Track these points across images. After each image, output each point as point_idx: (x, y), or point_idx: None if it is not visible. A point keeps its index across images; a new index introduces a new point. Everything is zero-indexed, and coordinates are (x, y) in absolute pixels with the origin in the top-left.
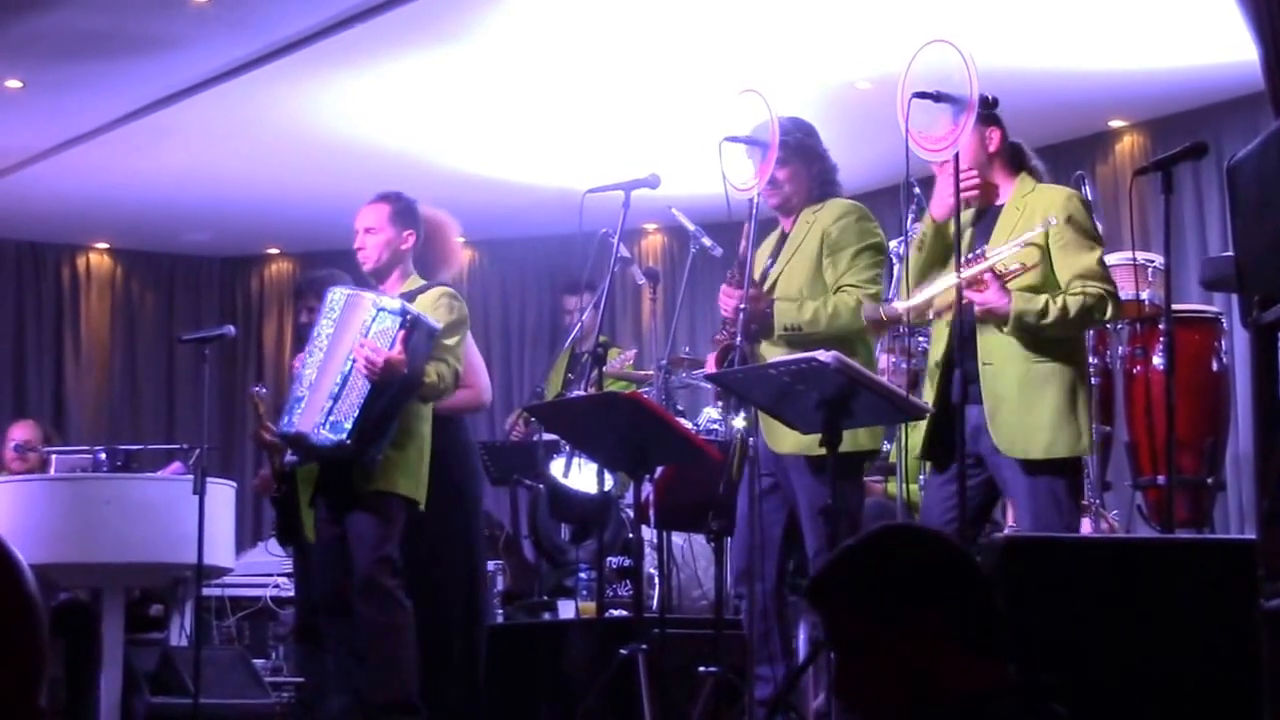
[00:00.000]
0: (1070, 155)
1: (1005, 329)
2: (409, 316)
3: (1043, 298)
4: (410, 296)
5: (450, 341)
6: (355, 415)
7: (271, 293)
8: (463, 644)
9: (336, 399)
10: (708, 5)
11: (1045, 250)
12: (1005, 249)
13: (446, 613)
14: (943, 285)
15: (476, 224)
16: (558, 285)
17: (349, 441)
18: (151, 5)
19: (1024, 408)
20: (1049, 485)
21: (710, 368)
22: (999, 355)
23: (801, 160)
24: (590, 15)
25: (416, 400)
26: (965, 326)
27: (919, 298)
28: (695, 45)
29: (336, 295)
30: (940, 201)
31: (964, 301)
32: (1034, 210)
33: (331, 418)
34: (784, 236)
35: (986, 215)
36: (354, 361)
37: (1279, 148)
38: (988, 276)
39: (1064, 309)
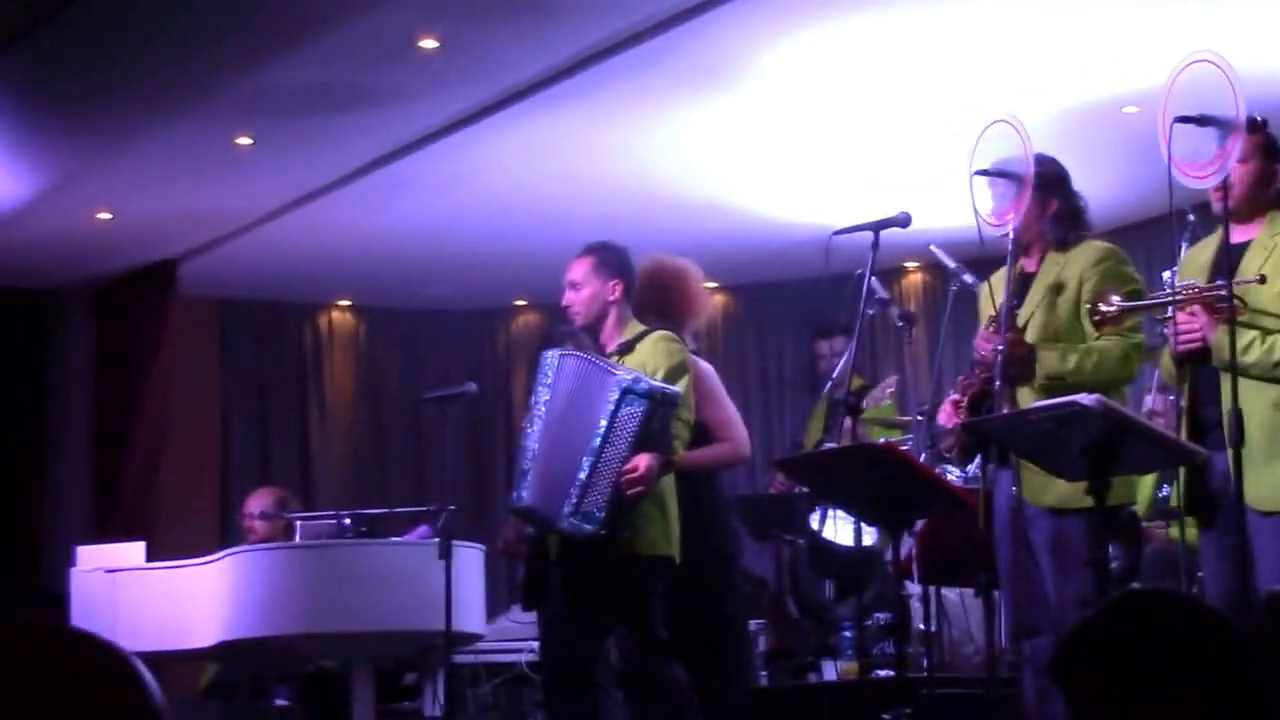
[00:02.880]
0: None
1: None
2: (657, 397)
3: (1251, 333)
4: (629, 346)
5: (678, 388)
6: (605, 503)
7: (520, 346)
8: (724, 713)
9: (585, 487)
10: (966, 34)
11: None
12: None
13: (706, 682)
14: (1160, 301)
15: (732, 268)
16: (812, 330)
17: (603, 532)
18: (378, 56)
19: (1270, 458)
20: None
21: (944, 414)
22: (1245, 401)
23: (1034, 197)
24: (843, 50)
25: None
26: (1208, 370)
27: (1140, 303)
28: (952, 76)
29: (552, 360)
30: (1182, 341)
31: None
32: None
33: (582, 508)
34: (1024, 275)
35: (1223, 253)
36: (602, 449)
37: None
38: (1198, 307)
39: (1269, 349)
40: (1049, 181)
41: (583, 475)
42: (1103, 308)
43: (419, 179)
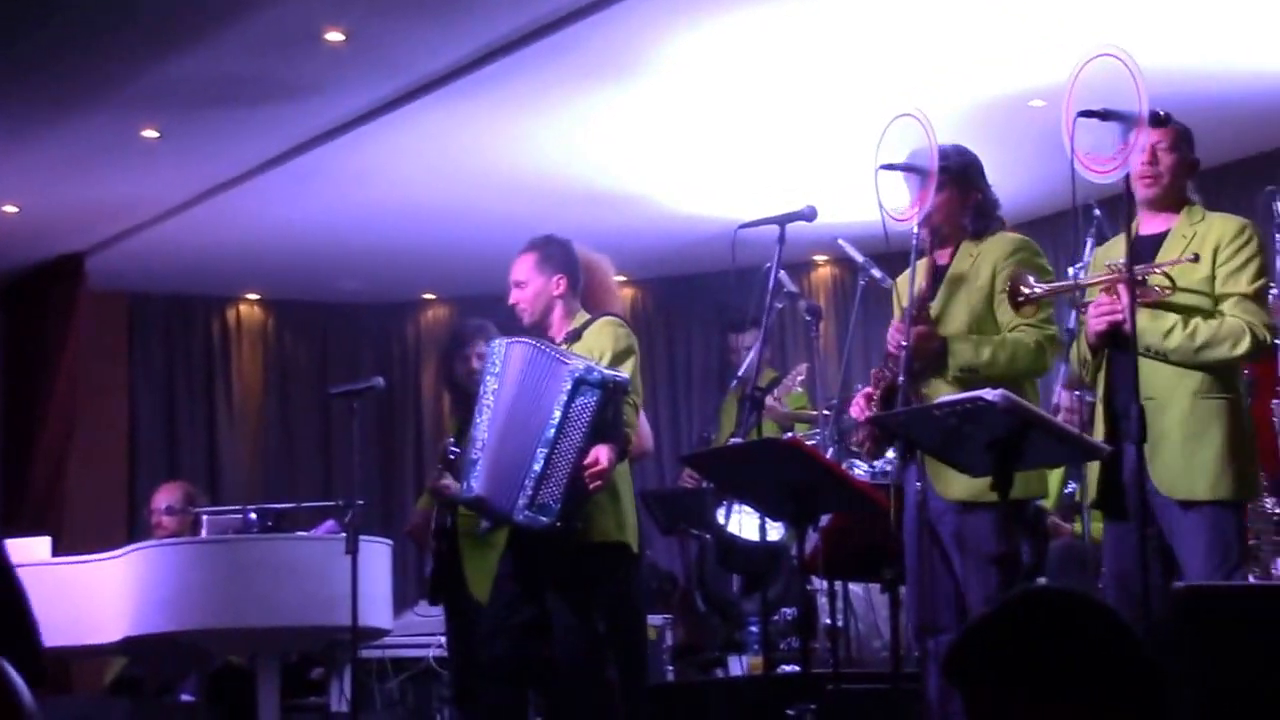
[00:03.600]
0: (1263, 169)
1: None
2: (609, 386)
3: (1172, 318)
4: (576, 334)
5: (626, 372)
6: (561, 494)
7: (428, 340)
8: (625, 710)
9: (540, 479)
10: (872, 27)
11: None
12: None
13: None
14: (1085, 283)
15: (640, 262)
16: (724, 324)
17: (559, 524)
18: (284, 48)
19: (1188, 447)
20: (1217, 526)
21: (856, 408)
22: (1162, 390)
23: (957, 189)
24: (749, 42)
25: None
26: (1124, 358)
27: (1063, 284)
28: (858, 69)
29: (499, 347)
30: (1096, 326)
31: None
32: (1204, 238)
33: (538, 500)
34: (937, 268)
35: (1146, 241)
36: (557, 440)
37: None
38: (1122, 288)
39: (1191, 334)
40: (969, 173)
41: (537, 467)
42: (1024, 290)
43: (327, 172)
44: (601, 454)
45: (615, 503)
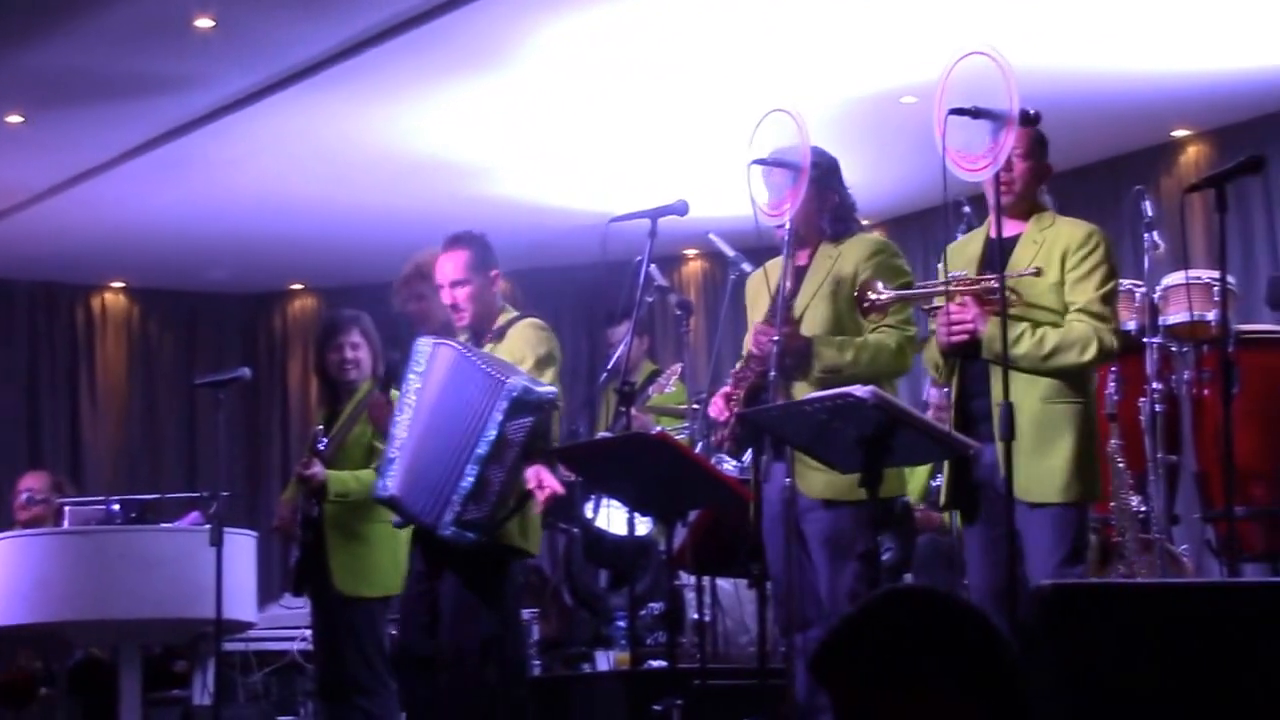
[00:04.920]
0: (1130, 169)
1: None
2: (546, 407)
3: (1020, 325)
4: (501, 333)
5: (550, 379)
6: (489, 513)
7: (295, 330)
8: (503, 706)
9: (469, 496)
10: (744, 22)
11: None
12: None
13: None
14: (931, 290)
15: (509, 254)
16: (596, 317)
17: (484, 538)
18: (152, 34)
19: (1039, 450)
20: (1059, 525)
21: (715, 407)
22: (1015, 394)
23: (815, 191)
24: (620, 35)
25: None
26: (977, 363)
27: (910, 292)
28: (731, 63)
29: (425, 347)
30: (953, 332)
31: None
32: (1053, 244)
33: (465, 516)
34: (798, 269)
35: (994, 245)
36: (490, 458)
37: None
38: (969, 299)
39: (1039, 340)
40: (827, 175)
41: (467, 483)
42: (871, 295)
43: (195, 160)
44: (545, 477)
45: (524, 510)
